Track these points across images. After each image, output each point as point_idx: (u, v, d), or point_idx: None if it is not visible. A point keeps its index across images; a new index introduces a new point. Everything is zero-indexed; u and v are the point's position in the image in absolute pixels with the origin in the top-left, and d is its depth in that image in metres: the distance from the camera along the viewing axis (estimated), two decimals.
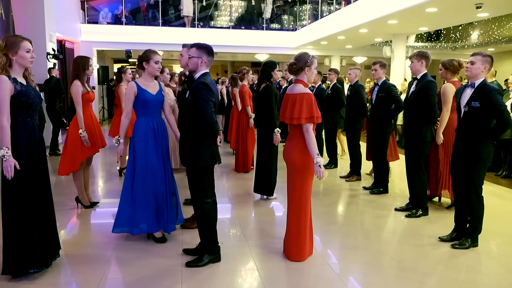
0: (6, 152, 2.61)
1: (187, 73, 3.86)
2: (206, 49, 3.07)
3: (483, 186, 3.50)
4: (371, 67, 5.31)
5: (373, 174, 5.69)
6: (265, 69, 4.81)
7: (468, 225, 3.59)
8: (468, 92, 3.46)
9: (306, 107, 3.02)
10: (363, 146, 5.91)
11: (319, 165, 2.96)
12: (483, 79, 3.41)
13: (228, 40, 13.84)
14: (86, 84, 4.26)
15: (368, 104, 6.11)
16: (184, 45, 3.87)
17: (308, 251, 3.29)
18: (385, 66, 5.13)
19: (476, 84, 3.41)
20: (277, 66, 4.98)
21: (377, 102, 5.12)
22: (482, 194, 3.51)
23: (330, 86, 6.63)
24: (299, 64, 3.14)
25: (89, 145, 4.17)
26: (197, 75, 3.07)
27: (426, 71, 4.23)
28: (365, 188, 5.42)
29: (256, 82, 5.46)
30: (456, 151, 3.60)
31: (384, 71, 5.13)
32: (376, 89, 5.18)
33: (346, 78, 6.67)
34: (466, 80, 7.21)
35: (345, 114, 6.22)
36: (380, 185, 5.27)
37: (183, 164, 3.13)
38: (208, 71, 3.11)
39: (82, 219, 4.25)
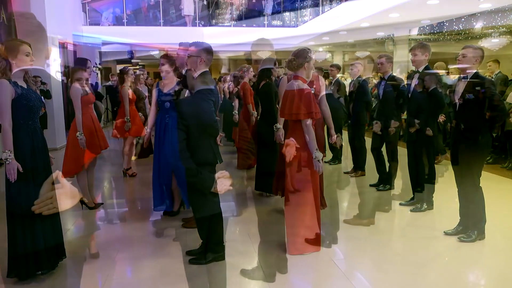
0: (9, 155, 2.64)
1: (183, 72, 3.86)
2: (204, 48, 3.05)
3: (489, 178, 3.48)
4: (373, 61, 5.26)
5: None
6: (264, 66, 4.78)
7: (472, 217, 3.56)
8: (462, 85, 3.45)
9: (304, 103, 3.03)
10: (367, 141, 5.88)
11: (318, 160, 3.00)
12: (475, 71, 3.41)
13: (229, 38, 13.81)
14: (85, 86, 4.27)
15: (373, 99, 6.09)
16: (180, 44, 3.86)
17: (311, 246, 3.28)
18: (392, 60, 5.05)
19: (469, 77, 3.40)
20: (276, 63, 4.95)
21: (384, 97, 5.05)
22: (486, 186, 3.49)
23: (333, 82, 6.60)
24: (299, 60, 3.13)
25: (84, 148, 4.17)
26: (196, 74, 3.05)
27: (427, 64, 4.20)
28: (371, 185, 5.36)
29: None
30: (454, 143, 3.59)
31: (391, 65, 5.05)
32: (383, 83, 5.06)
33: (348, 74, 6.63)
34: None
35: (348, 109, 6.18)
36: (385, 181, 5.22)
37: (184, 164, 3.10)
38: (207, 69, 3.09)
39: (86, 220, 4.27)
